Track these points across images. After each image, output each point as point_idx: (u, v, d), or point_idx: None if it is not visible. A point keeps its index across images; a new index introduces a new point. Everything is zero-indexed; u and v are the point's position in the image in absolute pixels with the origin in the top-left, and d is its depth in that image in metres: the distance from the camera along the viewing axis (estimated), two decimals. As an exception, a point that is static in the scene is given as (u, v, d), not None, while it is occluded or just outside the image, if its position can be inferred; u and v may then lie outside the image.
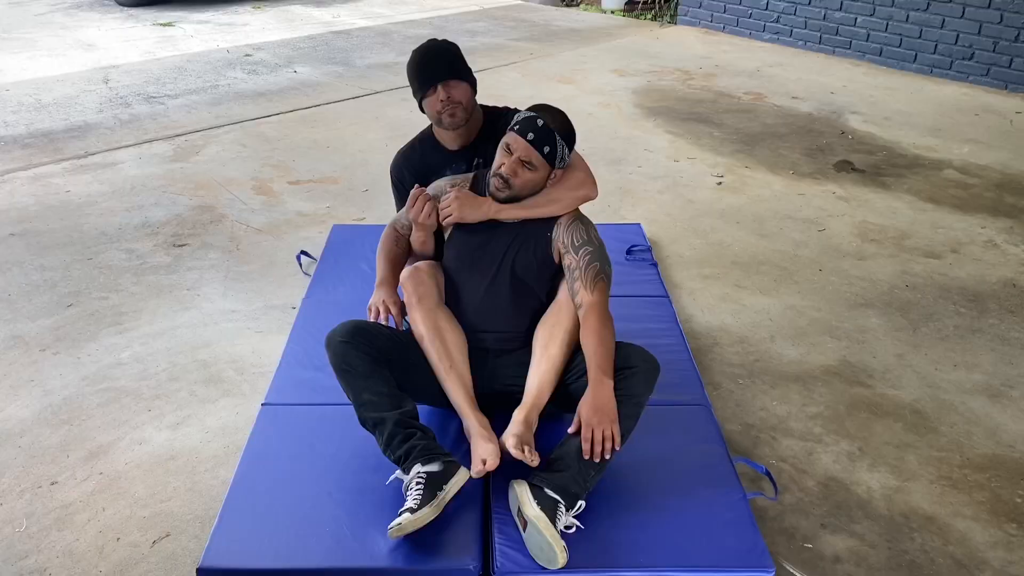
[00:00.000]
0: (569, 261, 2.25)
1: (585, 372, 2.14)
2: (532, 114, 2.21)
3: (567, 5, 9.05)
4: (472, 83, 2.46)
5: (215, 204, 4.05)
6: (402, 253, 2.45)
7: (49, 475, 2.34)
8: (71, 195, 4.14)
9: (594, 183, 2.32)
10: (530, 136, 2.17)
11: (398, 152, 2.65)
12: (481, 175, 2.39)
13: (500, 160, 2.22)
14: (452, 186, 2.38)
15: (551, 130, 2.19)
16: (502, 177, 2.21)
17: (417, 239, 2.40)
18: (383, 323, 2.26)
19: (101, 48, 6.98)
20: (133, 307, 3.18)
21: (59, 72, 6.26)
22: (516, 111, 2.51)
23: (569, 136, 2.24)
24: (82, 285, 3.33)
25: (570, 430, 2.05)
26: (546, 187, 2.28)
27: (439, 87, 2.38)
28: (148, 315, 3.13)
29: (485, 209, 2.29)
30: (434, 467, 1.99)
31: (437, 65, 2.41)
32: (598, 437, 1.99)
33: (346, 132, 5.06)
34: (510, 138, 2.20)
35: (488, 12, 8.58)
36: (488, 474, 2.10)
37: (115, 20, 8.06)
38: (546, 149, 2.19)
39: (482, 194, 2.32)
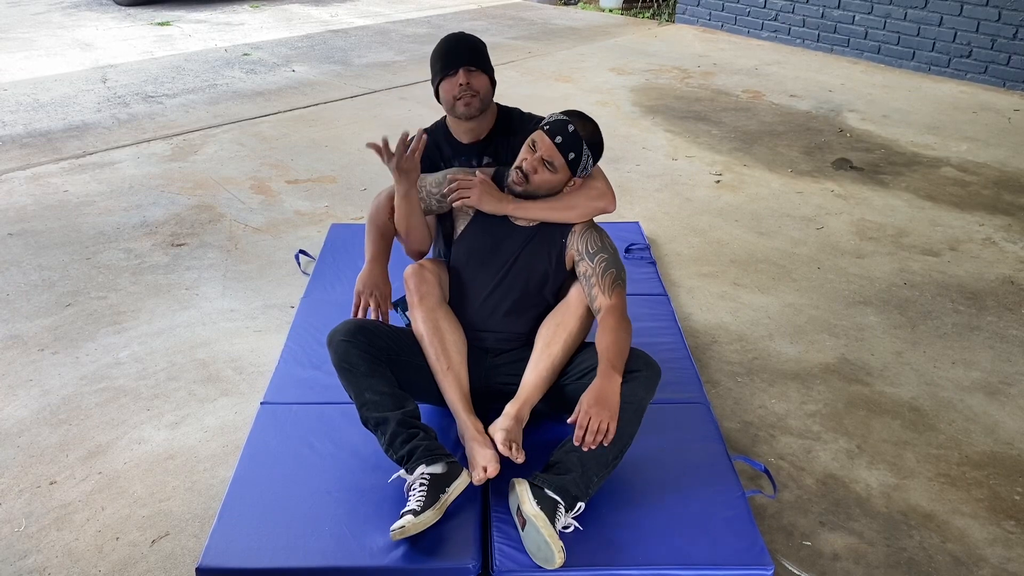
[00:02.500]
0: (584, 268, 2.24)
1: (583, 375, 2.14)
2: (565, 118, 2.20)
3: (565, 3, 9.04)
4: (492, 79, 2.46)
5: (213, 203, 4.05)
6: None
7: (48, 475, 2.34)
8: (69, 195, 4.14)
9: (613, 198, 2.31)
10: (558, 139, 2.16)
11: None
12: (500, 172, 2.37)
13: (523, 155, 2.21)
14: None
15: (580, 138, 2.18)
16: (522, 171, 2.20)
17: (399, 210, 2.30)
18: (371, 317, 2.24)
19: (99, 47, 6.97)
20: (131, 307, 3.18)
21: (57, 72, 6.25)
22: (530, 115, 2.53)
23: (596, 147, 2.23)
24: (80, 285, 3.33)
25: (570, 419, 2.04)
26: (564, 192, 2.27)
27: (460, 71, 2.37)
28: (146, 315, 3.12)
29: (503, 205, 2.27)
30: (438, 468, 1.99)
31: (462, 51, 2.42)
32: (592, 427, 1.98)
33: (344, 131, 5.05)
34: (537, 136, 2.19)
35: (486, 11, 8.58)
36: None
37: (113, 19, 8.05)
38: (571, 156, 2.18)
39: (500, 189, 2.31)
